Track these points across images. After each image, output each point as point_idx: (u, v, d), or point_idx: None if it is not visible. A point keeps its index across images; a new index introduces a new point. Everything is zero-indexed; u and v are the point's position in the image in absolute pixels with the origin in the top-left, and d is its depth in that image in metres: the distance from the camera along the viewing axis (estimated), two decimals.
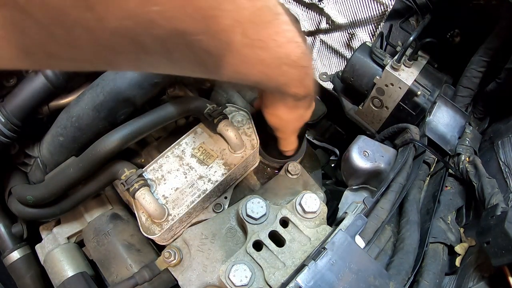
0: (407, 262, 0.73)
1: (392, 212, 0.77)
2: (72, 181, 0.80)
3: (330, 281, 0.59)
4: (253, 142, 0.84)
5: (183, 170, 0.82)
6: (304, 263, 0.63)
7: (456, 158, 0.90)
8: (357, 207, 0.76)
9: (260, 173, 0.97)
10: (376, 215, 0.75)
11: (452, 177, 0.89)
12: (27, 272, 0.92)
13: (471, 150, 0.91)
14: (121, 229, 0.86)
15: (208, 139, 0.86)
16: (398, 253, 0.75)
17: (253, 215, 0.71)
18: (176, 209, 0.77)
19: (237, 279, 0.65)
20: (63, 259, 0.86)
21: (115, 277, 0.80)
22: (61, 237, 0.92)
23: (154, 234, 0.74)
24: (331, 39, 1.41)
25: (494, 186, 0.76)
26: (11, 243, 0.94)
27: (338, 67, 1.45)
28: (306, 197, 0.73)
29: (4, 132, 0.76)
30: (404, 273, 0.71)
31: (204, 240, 0.76)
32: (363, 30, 1.29)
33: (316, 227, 0.72)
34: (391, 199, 0.78)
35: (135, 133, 0.79)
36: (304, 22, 1.45)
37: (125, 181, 0.75)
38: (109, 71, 0.79)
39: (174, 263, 0.73)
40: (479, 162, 0.84)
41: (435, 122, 0.96)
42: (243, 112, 0.89)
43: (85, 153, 0.79)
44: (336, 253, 0.61)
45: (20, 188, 0.86)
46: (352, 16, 1.29)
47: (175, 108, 0.83)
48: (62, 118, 0.82)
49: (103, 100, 0.78)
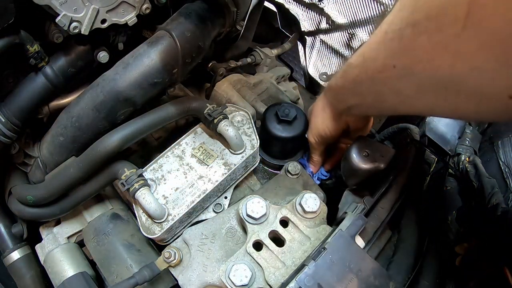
0: (407, 262, 0.73)
1: (392, 212, 0.77)
2: (72, 181, 0.80)
3: (330, 281, 0.59)
4: (253, 142, 0.84)
5: (183, 170, 0.82)
6: (304, 263, 0.63)
7: (456, 158, 0.90)
8: (357, 207, 0.76)
9: (260, 173, 0.97)
10: (376, 215, 0.75)
11: (452, 177, 0.89)
12: (27, 272, 0.92)
13: (471, 150, 0.91)
14: (121, 229, 0.86)
15: (208, 139, 0.86)
16: (398, 253, 0.75)
17: (253, 215, 0.71)
18: (176, 209, 0.77)
19: (237, 279, 0.64)
20: (63, 259, 0.86)
21: (115, 277, 0.80)
22: (61, 237, 0.92)
23: (154, 234, 0.74)
24: (331, 39, 1.41)
25: (494, 186, 0.76)
26: (11, 243, 0.94)
27: (338, 67, 1.45)
28: (306, 197, 0.73)
29: (4, 132, 0.76)
30: (404, 273, 0.72)
31: (204, 240, 0.76)
32: (363, 30, 1.29)
33: (316, 227, 0.72)
34: (391, 199, 0.78)
35: (135, 133, 0.79)
36: (304, 22, 1.46)
37: (125, 181, 0.75)
38: (109, 71, 0.80)
39: (174, 263, 0.73)
40: (479, 162, 0.84)
41: (435, 122, 0.96)
42: (243, 112, 0.89)
43: (85, 153, 0.79)
44: (336, 253, 0.61)
45: (20, 188, 0.86)
46: (352, 16, 1.29)
47: (175, 108, 0.83)
48: (62, 118, 0.82)
49: (103, 100, 0.78)
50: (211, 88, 1.08)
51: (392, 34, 0.48)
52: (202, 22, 0.83)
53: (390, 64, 0.50)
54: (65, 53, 0.79)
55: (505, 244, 0.67)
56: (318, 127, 0.84)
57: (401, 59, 0.48)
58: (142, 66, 0.77)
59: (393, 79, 0.51)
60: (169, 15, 0.85)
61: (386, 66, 0.51)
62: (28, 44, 0.71)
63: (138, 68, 0.77)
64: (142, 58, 0.77)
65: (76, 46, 0.80)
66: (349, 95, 0.69)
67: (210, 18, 0.86)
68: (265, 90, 1.15)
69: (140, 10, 0.78)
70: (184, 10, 0.84)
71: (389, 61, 0.50)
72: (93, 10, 0.71)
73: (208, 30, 0.86)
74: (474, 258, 0.71)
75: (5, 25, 0.64)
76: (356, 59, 0.60)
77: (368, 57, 0.56)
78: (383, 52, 0.51)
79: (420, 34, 0.42)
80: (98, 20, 0.73)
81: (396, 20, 0.47)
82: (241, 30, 1.08)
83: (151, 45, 0.78)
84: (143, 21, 0.82)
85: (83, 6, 0.70)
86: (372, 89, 0.59)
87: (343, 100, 0.73)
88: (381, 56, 0.52)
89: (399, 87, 0.52)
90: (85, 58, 0.82)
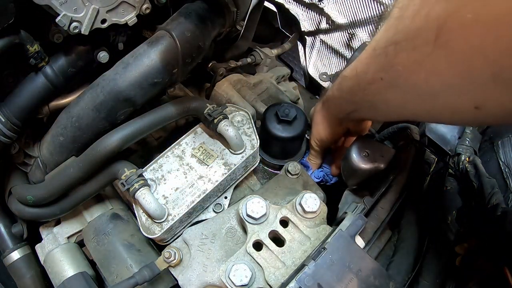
0: (407, 262, 0.73)
1: (392, 212, 0.77)
2: (72, 181, 0.80)
3: (330, 281, 0.59)
4: (253, 142, 0.84)
5: (183, 170, 0.82)
6: (304, 263, 0.63)
7: (456, 158, 0.90)
8: (357, 207, 0.76)
9: (260, 173, 0.97)
10: (376, 215, 0.75)
11: (452, 177, 0.88)
12: (27, 272, 0.92)
13: (471, 150, 0.91)
14: (121, 229, 0.86)
15: (208, 139, 0.86)
16: (398, 253, 0.75)
17: (253, 215, 0.71)
18: (176, 209, 0.77)
19: (237, 279, 0.65)
20: (63, 259, 0.86)
21: (115, 277, 0.80)
22: (61, 237, 0.92)
23: (154, 234, 0.74)
24: (331, 39, 1.41)
25: (494, 186, 0.76)
26: (11, 243, 0.94)
27: (338, 67, 1.45)
28: (306, 197, 0.73)
29: (4, 132, 0.76)
30: (404, 273, 0.72)
31: (204, 240, 0.76)
32: (363, 30, 1.29)
33: (316, 227, 0.72)
34: (391, 199, 0.78)
35: (135, 133, 0.79)
36: (304, 22, 1.46)
37: (125, 181, 0.75)
38: (109, 71, 0.80)
39: (174, 263, 0.73)
40: (479, 162, 0.84)
41: None
42: (243, 112, 0.89)
43: (85, 153, 0.79)
44: (336, 253, 0.61)
45: (20, 188, 0.86)
46: (352, 16, 1.29)
47: (175, 108, 0.83)
48: (62, 118, 0.82)
49: (103, 100, 0.78)
50: (211, 88, 1.08)
51: (379, 51, 0.55)
52: (202, 22, 0.83)
53: (378, 77, 0.57)
54: (65, 53, 0.79)
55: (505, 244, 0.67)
56: (320, 133, 0.90)
57: (387, 72, 0.55)
58: (142, 66, 0.77)
59: (382, 90, 0.59)
60: (169, 15, 0.85)
61: (375, 78, 0.58)
62: (28, 44, 0.71)
63: (138, 68, 0.77)
64: (142, 58, 0.77)
65: (76, 46, 0.80)
66: (346, 104, 0.76)
67: (210, 18, 0.86)
68: (265, 90, 1.15)
69: (140, 10, 0.78)
70: (184, 10, 0.84)
71: (377, 75, 0.57)
72: (93, 10, 0.71)
73: (208, 30, 0.86)
74: (474, 258, 0.71)
75: (5, 25, 0.64)
76: (350, 72, 0.68)
77: (360, 70, 0.63)
78: (373, 66, 0.58)
79: (401, 51, 0.49)
80: (98, 20, 0.73)
81: (382, 39, 0.54)
82: (241, 30, 1.08)
83: (151, 45, 0.78)
84: (143, 21, 0.82)
85: (83, 6, 0.70)
86: (365, 99, 0.66)
87: (341, 108, 0.79)
88: (371, 69, 0.59)
89: (387, 97, 0.59)
90: (85, 58, 0.82)
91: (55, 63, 0.78)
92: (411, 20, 0.45)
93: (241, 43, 1.16)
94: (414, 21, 0.45)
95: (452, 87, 0.45)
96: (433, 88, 0.47)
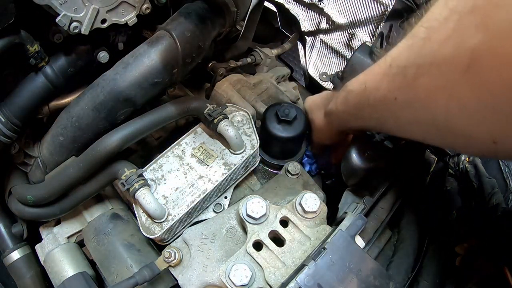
0: (407, 262, 0.73)
1: (392, 212, 0.77)
2: (72, 181, 0.80)
3: (330, 281, 0.59)
4: (253, 142, 0.84)
5: (183, 170, 0.82)
6: (304, 263, 0.63)
7: (456, 158, 0.90)
8: (357, 207, 0.76)
9: (260, 173, 0.97)
10: (376, 215, 0.75)
11: (452, 177, 0.89)
12: (27, 272, 0.92)
13: None
14: (121, 229, 0.86)
15: (208, 139, 0.86)
16: (398, 253, 0.75)
17: (253, 215, 0.71)
18: (176, 209, 0.77)
19: (237, 279, 0.64)
20: (63, 259, 0.86)
21: (115, 277, 0.80)
22: (61, 237, 0.92)
23: (154, 234, 0.74)
24: (331, 39, 1.41)
25: (494, 186, 0.76)
26: (11, 243, 0.94)
27: (338, 67, 1.45)
28: (306, 197, 0.73)
29: (4, 132, 0.76)
30: (404, 273, 0.72)
31: (204, 240, 0.76)
32: (363, 30, 1.29)
33: (316, 227, 0.72)
34: (391, 199, 0.78)
35: (135, 133, 0.79)
36: (304, 22, 1.45)
37: (125, 181, 0.75)
38: (109, 71, 0.80)
39: (174, 263, 0.73)
40: (479, 162, 0.84)
41: None
42: (243, 112, 0.89)
43: (85, 153, 0.79)
44: (336, 253, 0.61)
45: (20, 188, 0.86)
46: (352, 16, 1.29)
47: (175, 108, 0.83)
48: (62, 118, 0.82)
49: (103, 100, 0.78)
50: (211, 88, 1.08)
51: (397, 69, 0.52)
52: (202, 22, 0.83)
53: (392, 96, 0.54)
54: (65, 53, 0.79)
55: (505, 244, 0.67)
56: (321, 138, 0.92)
57: (403, 94, 0.52)
58: (142, 66, 0.77)
59: (394, 109, 0.56)
60: (169, 15, 0.85)
61: (388, 97, 0.55)
62: (28, 44, 0.71)
63: (138, 68, 0.77)
64: (142, 58, 0.77)
65: (76, 46, 0.80)
66: (352, 119, 0.73)
67: (210, 18, 0.86)
68: (265, 90, 1.15)
69: (140, 10, 0.78)
70: (184, 10, 0.84)
71: (391, 94, 0.54)
72: (93, 10, 0.71)
73: (208, 30, 0.86)
74: (474, 258, 0.71)
75: (5, 25, 0.64)
76: (358, 87, 0.64)
77: (370, 86, 0.60)
78: (386, 84, 0.55)
79: (423, 75, 0.47)
80: (98, 20, 0.73)
81: (401, 58, 0.51)
82: (241, 30, 1.08)
83: (151, 45, 0.78)
84: (143, 21, 0.82)
85: (83, 6, 0.70)
86: (373, 116, 0.64)
87: (346, 123, 0.77)
88: (384, 87, 0.56)
89: (399, 115, 0.57)
90: (85, 58, 0.82)
91: (55, 63, 0.78)
92: (440, 45, 0.43)
93: (241, 43, 1.16)
94: (444, 47, 0.43)
95: (473, 117, 0.43)
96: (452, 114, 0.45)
